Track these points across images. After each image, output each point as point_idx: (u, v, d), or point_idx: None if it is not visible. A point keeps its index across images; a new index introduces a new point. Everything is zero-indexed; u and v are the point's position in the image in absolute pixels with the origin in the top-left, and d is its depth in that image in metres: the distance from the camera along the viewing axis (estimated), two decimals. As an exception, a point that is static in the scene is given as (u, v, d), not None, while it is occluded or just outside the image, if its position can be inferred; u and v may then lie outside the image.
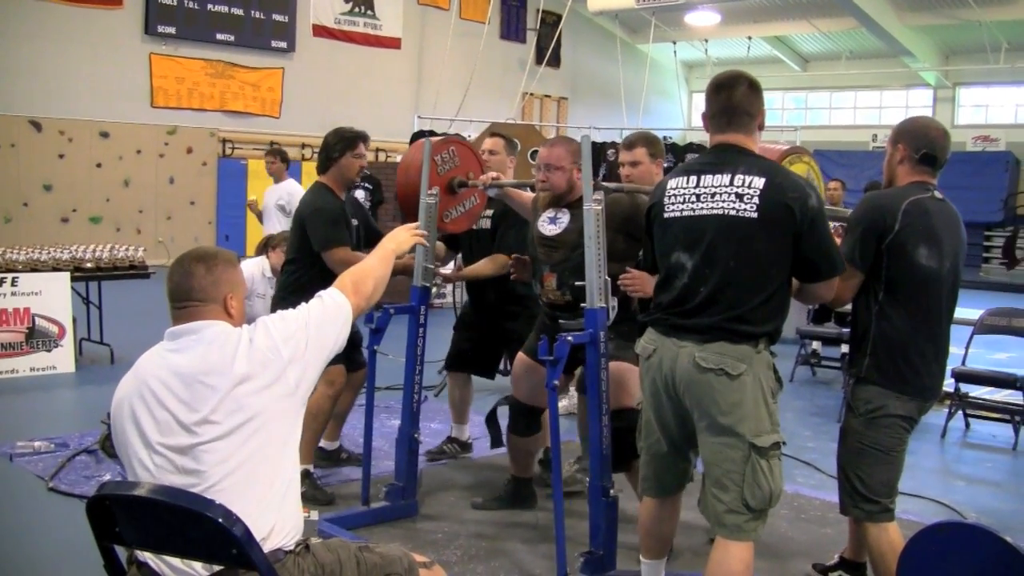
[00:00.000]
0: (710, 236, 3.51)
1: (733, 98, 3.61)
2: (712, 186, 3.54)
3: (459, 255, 6.20)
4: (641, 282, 4.18)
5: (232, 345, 2.77)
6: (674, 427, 3.70)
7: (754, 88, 3.66)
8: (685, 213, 3.59)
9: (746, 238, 3.45)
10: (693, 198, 3.58)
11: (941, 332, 3.93)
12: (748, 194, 3.46)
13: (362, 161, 5.54)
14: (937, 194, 3.88)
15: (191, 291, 2.83)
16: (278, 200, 9.85)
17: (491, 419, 5.59)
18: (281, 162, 9.91)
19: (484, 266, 5.73)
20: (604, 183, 4.47)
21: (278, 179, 9.94)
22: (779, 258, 3.49)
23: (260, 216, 9.95)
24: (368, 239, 5.60)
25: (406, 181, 5.35)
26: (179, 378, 2.73)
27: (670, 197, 3.66)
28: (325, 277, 5.09)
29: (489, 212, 5.81)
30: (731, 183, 3.50)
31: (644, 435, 3.84)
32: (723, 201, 3.50)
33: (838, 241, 3.92)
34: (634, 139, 5.02)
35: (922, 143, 3.91)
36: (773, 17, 24.59)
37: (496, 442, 5.56)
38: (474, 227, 5.87)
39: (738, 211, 3.46)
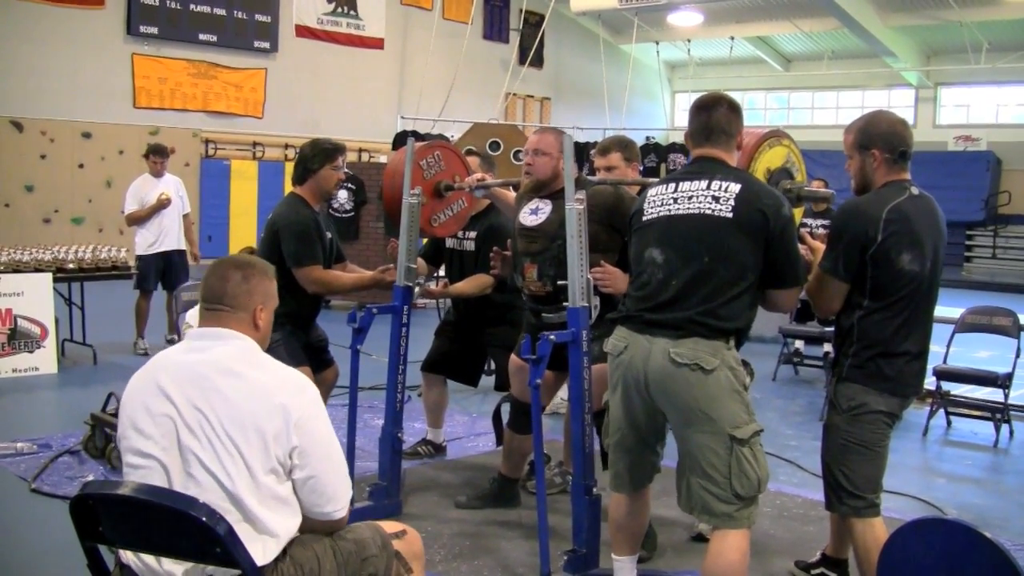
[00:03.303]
0: (685, 232, 3.62)
1: (712, 118, 3.76)
2: (690, 190, 3.67)
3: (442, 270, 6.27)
4: (613, 278, 4.22)
5: (265, 370, 2.82)
6: (643, 423, 3.77)
7: (734, 109, 3.81)
8: (662, 214, 3.71)
9: (720, 236, 3.56)
10: (671, 201, 3.70)
11: (923, 330, 3.95)
12: (724, 197, 3.59)
13: (340, 174, 5.44)
14: (914, 190, 3.89)
15: (223, 296, 2.88)
16: (177, 193, 9.94)
17: (496, 416, 5.61)
18: (165, 158, 9.96)
19: (468, 285, 5.79)
20: (587, 177, 4.50)
21: (160, 175, 9.91)
22: (750, 258, 3.58)
23: (163, 206, 9.77)
24: (336, 256, 5.60)
25: (392, 186, 5.36)
26: (191, 375, 2.75)
27: (649, 203, 3.78)
28: (294, 288, 5.11)
29: (472, 234, 5.88)
30: (708, 187, 3.64)
31: (611, 431, 3.89)
32: (700, 202, 3.62)
33: (822, 245, 3.98)
34: (608, 144, 5.04)
35: (896, 142, 3.91)
36: (756, 17, 24.61)
37: (501, 439, 5.58)
38: (458, 248, 5.97)
39: (714, 211, 3.58)
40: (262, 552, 2.65)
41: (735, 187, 3.59)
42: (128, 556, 2.72)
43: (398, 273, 5.18)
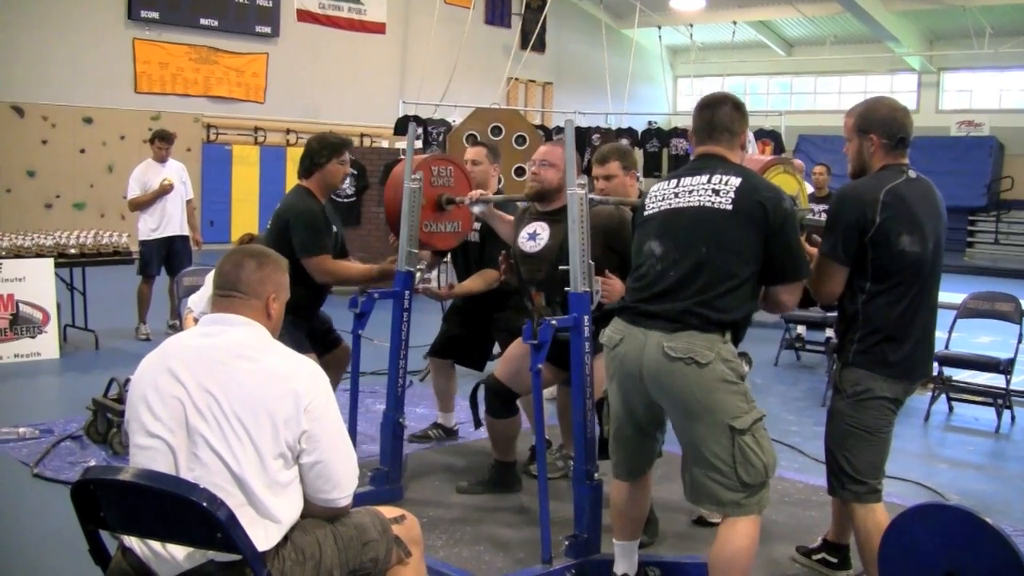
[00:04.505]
0: (684, 224, 3.64)
1: (716, 116, 3.80)
2: (691, 185, 3.70)
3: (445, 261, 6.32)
4: (613, 288, 4.22)
5: (279, 359, 2.83)
6: (641, 414, 3.79)
7: (738, 109, 3.84)
8: (663, 208, 3.73)
9: (719, 228, 3.57)
10: (672, 196, 3.73)
11: (928, 313, 3.96)
12: (724, 189, 3.61)
13: (346, 168, 5.51)
14: (911, 174, 3.91)
15: (238, 283, 2.90)
16: (181, 179, 9.96)
17: (473, 399, 5.63)
18: (170, 144, 9.94)
19: (474, 282, 5.81)
20: (591, 196, 4.48)
21: (164, 160, 9.91)
22: (750, 251, 3.58)
23: (166, 192, 9.79)
24: (340, 249, 5.64)
25: (394, 198, 5.37)
26: (203, 358, 2.77)
27: (651, 199, 3.82)
28: (300, 280, 5.12)
29: (477, 225, 5.87)
30: (709, 181, 3.66)
31: (611, 420, 3.92)
32: (700, 195, 3.64)
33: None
34: (606, 153, 5.01)
35: (896, 129, 3.92)
36: (758, 2, 24.53)
37: (479, 423, 5.59)
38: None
39: (713, 203, 3.60)
40: (264, 537, 2.66)
41: (735, 180, 3.61)
42: (131, 539, 2.73)
43: (399, 259, 5.18)
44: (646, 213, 3.80)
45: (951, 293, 8.37)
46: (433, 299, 5.85)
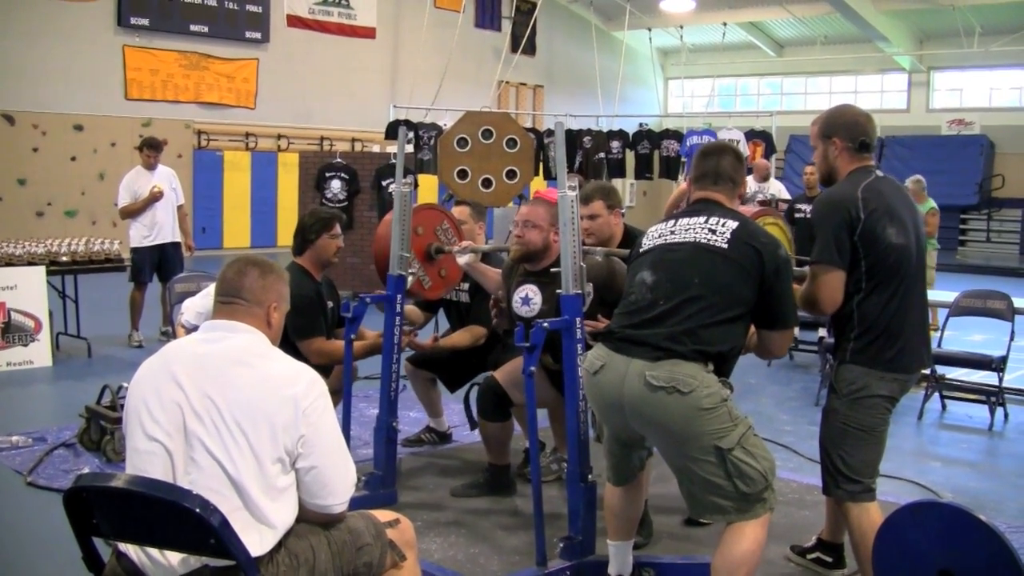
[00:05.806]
0: (678, 258, 3.68)
1: (720, 164, 3.90)
2: (688, 224, 3.77)
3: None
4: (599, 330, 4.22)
5: (278, 365, 2.84)
6: (624, 435, 3.82)
7: (739, 159, 3.96)
8: (657, 243, 3.79)
9: (713, 264, 3.62)
10: (668, 233, 3.80)
11: (920, 303, 4.00)
12: (721, 230, 3.67)
13: (338, 242, 5.56)
14: (879, 172, 4.00)
15: (240, 289, 2.92)
16: (171, 185, 9.93)
17: (467, 402, 5.62)
18: (159, 152, 9.93)
19: (461, 337, 5.85)
20: (585, 246, 4.47)
21: (153, 168, 9.88)
22: (741, 291, 3.60)
23: (156, 199, 9.76)
24: (339, 321, 5.68)
25: (380, 250, 5.42)
26: (204, 364, 2.78)
27: (648, 237, 3.88)
28: (295, 355, 5.15)
29: (466, 286, 5.92)
30: (706, 222, 3.73)
31: (602, 432, 3.97)
32: (696, 232, 3.71)
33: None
34: (590, 192, 5.00)
35: (857, 132, 4.02)
36: (748, 3, 24.56)
37: (473, 424, 5.60)
38: (454, 299, 6.04)
39: (709, 240, 3.66)
40: (259, 542, 2.66)
41: (732, 224, 3.67)
42: (127, 545, 2.73)
43: (391, 263, 5.18)
44: (641, 249, 3.85)
45: (943, 291, 8.39)
46: (416, 351, 5.87)
